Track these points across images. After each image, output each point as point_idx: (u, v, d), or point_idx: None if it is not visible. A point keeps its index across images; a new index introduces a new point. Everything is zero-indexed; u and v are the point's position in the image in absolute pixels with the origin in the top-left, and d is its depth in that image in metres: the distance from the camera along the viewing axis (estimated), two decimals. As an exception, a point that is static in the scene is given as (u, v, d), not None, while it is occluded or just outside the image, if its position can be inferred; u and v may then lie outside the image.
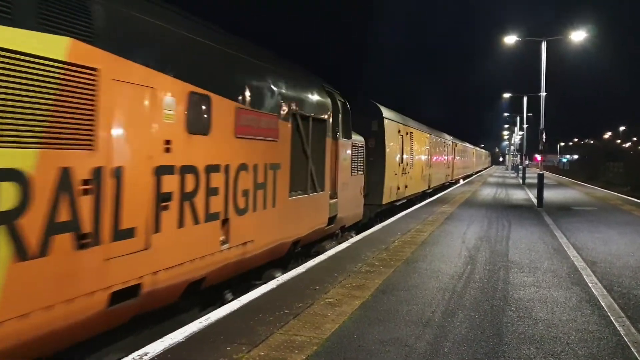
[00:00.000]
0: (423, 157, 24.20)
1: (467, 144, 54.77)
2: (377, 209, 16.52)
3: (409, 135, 20.47)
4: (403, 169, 19.20)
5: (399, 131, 18.74)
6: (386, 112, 17.23)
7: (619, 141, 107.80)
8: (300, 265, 8.78)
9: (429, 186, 25.90)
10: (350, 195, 12.47)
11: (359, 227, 14.35)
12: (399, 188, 18.59)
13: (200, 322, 5.65)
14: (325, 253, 9.94)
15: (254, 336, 5.25)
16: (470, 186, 34.91)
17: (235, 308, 6.21)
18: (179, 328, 5.54)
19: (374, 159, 16.01)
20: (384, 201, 16.82)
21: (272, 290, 7.07)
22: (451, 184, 36.07)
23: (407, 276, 8.05)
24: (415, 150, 21.67)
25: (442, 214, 16.85)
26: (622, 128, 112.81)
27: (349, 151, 12.36)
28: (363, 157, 13.81)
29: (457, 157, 40.98)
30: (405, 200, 20.10)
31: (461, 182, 41.51)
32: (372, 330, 5.56)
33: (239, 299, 6.65)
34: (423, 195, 24.49)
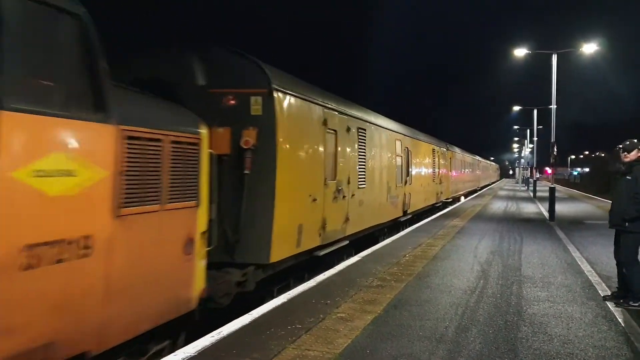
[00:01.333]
0: (391, 169, 15.47)
1: (470, 155, 46.22)
2: (261, 274, 7.86)
3: (353, 133, 11.66)
4: (338, 188, 10.40)
5: (325, 122, 9.79)
6: (283, 82, 8.42)
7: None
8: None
9: (406, 211, 17.50)
10: (87, 271, 4.45)
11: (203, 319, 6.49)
12: (325, 225, 9.63)
13: (213, 337, 5.62)
14: (335, 267, 9.88)
15: (267, 351, 5.22)
16: (481, 200, 34.74)
17: (247, 322, 6.18)
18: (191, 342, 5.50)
19: (253, 171, 7.57)
20: (277, 255, 7.90)
21: (283, 305, 7.03)
22: (447, 203, 27.88)
23: (419, 291, 7.98)
24: (371, 158, 13.16)
25: (453, 228, 16.74)
26: (634, 140, 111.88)
27: (85, 149, 4.46)
28: (196, 166, 6.14)
29: (456, 170, 32.77)
30: (347, 242, 11.20)
31: (462, 199, 35.09)
32: (385, 345, 5.50)
33: (250, 313, 6.62)
34: (395, 225, 16.54)
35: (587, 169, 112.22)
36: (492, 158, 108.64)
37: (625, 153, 7.53)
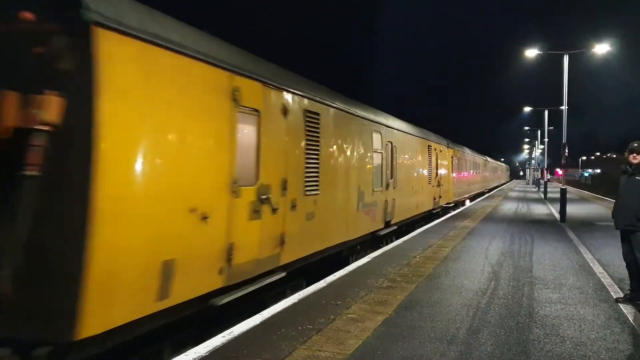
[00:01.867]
0: (366, 169, 11.88)
1: (478, 154, 41.05)
2: None
3: (296, 117, 8.22)
4: (261, 197, 6.95)
5: (235, 95, 6.31)
6: (122, 11, 4.72)
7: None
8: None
9: (389, 221, 13.93)
10: None
11: None
12: (231, 256, 6.16)
13: (224, 337, 5.63)
14: (345, 268, 9.85)
15: (278, 351, 5.22)
16: (491, 201, 34.56)
17: (258, 322, 6.19)
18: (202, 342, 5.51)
19: (45, 172, 4.26)
20: (98, 324, 4.40)
21: (294, 305, 7.03)
22: (448, 209, 24.36)
23: (430, 292, 7.95)
24: (330, 155, 9.74)
25: (464, 229, 16.68)
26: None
27: None
28: None
29: (459, 171, 28.80)
30: (282, 274, 7.75)
31: (468, 203, 31.48)
32: (395, 346, 5.49)
33: (260, 313, 6.63)
34: (363, 245, 12.42)
35: (598, 171, 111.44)
36: (502, 159, 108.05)
37: (634, 154, 7.54)
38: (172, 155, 5.29)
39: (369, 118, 12.30)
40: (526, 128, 72.53)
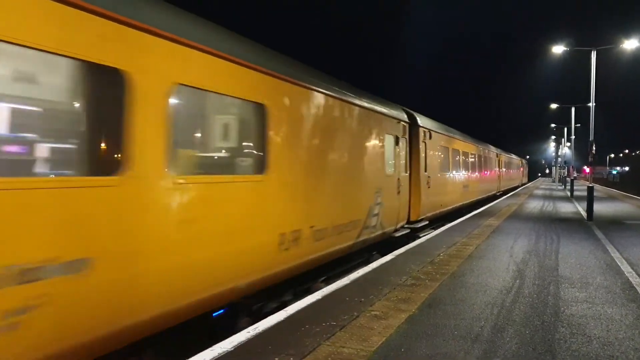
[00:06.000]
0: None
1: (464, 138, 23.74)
2: None
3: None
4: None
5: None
6: None
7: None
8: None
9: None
10: None
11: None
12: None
13: (249, 332, 5.71)
14: (369, 265, 9.89)
15: (301, 347, 5.27)
16: (516, 199, 34.18)
17: (282, 318, 6.25)
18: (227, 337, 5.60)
19: None
20: None
21: (318, 302, 7.08)
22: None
23: (454, 290, 7.93)
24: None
25: (488, 227, 16.54)
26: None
27: None
28: None
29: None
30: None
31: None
32: (419, 344, 5.50)
33: (285, 309, 6.70)
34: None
35: (626, 168, 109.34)
36: (528, 157, 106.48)
37: None
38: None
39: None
40: (553, 125, 71.51)
